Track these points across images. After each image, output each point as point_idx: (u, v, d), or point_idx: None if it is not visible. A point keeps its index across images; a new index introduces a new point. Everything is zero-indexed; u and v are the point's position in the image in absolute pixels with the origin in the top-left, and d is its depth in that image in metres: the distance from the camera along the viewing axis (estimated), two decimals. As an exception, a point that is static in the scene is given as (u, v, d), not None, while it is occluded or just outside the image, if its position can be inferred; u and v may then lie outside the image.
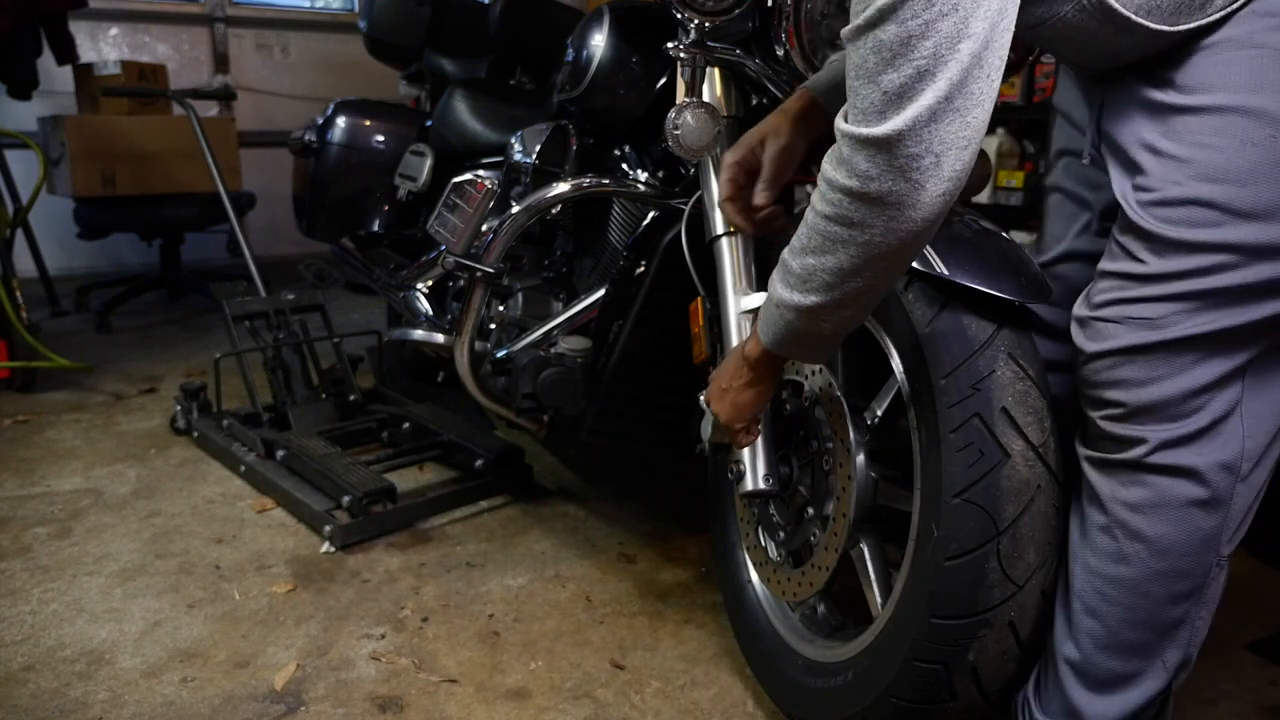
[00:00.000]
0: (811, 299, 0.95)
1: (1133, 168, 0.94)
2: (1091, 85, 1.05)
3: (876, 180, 0.84)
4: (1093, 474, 0.99)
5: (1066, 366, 1.12)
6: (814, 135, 1.19)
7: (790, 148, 1.17)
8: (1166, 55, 0.92)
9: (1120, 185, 0.95)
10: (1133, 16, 0.89)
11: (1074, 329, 0.99)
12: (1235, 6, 0.88)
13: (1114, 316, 0.94)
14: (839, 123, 0.89)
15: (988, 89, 0.81)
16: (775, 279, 1.00)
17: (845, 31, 0.87)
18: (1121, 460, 0.96)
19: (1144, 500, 0.95)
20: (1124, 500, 0.96)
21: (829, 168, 0.89)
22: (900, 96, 0.81)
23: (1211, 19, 0.88)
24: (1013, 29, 0.82)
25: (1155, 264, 0.91)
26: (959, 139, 0.82)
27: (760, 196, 1.19)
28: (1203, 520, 0.94)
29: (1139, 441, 0.94)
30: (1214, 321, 0.90)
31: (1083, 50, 0.98)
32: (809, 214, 0.93)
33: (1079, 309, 0.99)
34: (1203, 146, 0.88)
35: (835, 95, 1.14)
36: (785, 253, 0.98)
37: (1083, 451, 1.01)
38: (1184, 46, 0.90)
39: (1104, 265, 0.97)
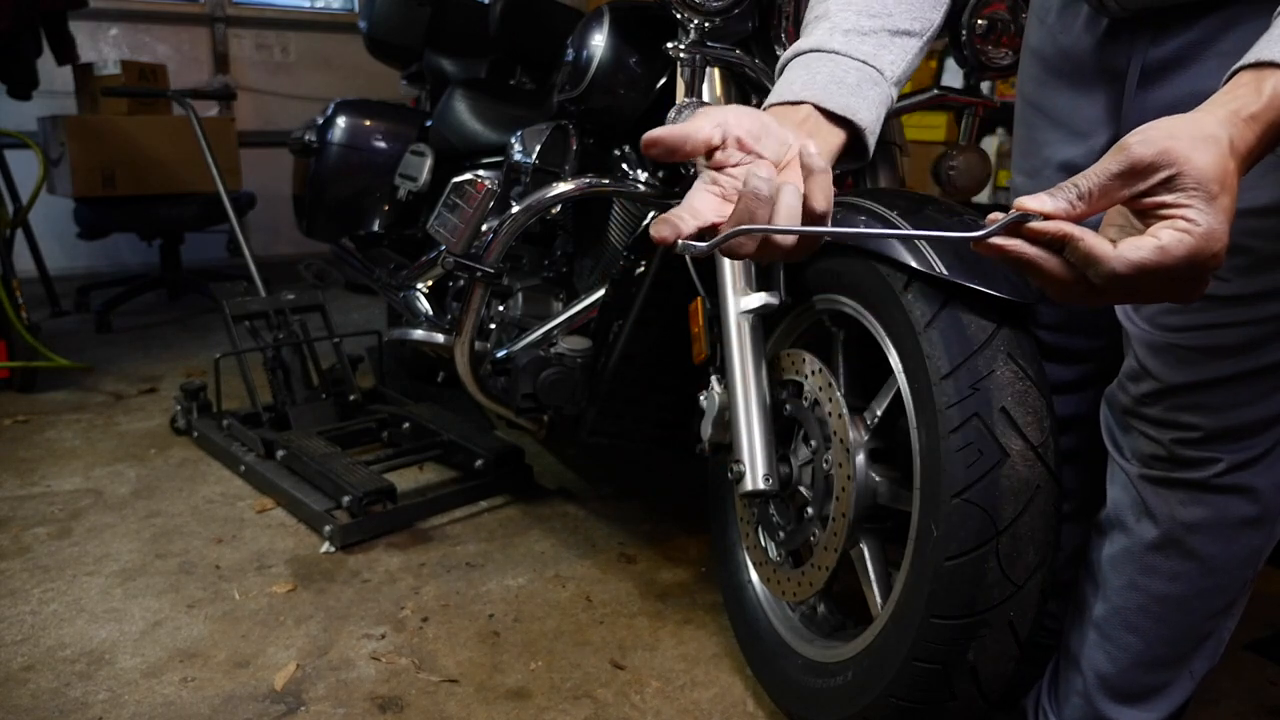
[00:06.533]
0: None
1: None
2: (1118, 46, 0.88)
3: None
4: (1147, 491, 0.96)
5: (1060, 388, 1.10)
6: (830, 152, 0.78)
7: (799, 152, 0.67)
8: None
9: None
10: None
11: (1146, 354, 0.90)
12: None
13: (1196, 344, 0.86)
14: None
15: None
16: None
17: None
18: (1186, 480, 0.92)
19: (1202, 519, 0.92)
20: (1182, 519, 0.93)
21: None
22: None
23: None
24: None
25: (1240, 283, 0.81)
26: None
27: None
28: (1252, 538, 0.93)
29: (1212, 462, 0.90)
30: None
31: None
32: None
33: (1144, 334, 0.89)
34: None
35: (836, 93, 0.79)
36: None
37: (1132, 469, 0.97)
38: None
39: None
